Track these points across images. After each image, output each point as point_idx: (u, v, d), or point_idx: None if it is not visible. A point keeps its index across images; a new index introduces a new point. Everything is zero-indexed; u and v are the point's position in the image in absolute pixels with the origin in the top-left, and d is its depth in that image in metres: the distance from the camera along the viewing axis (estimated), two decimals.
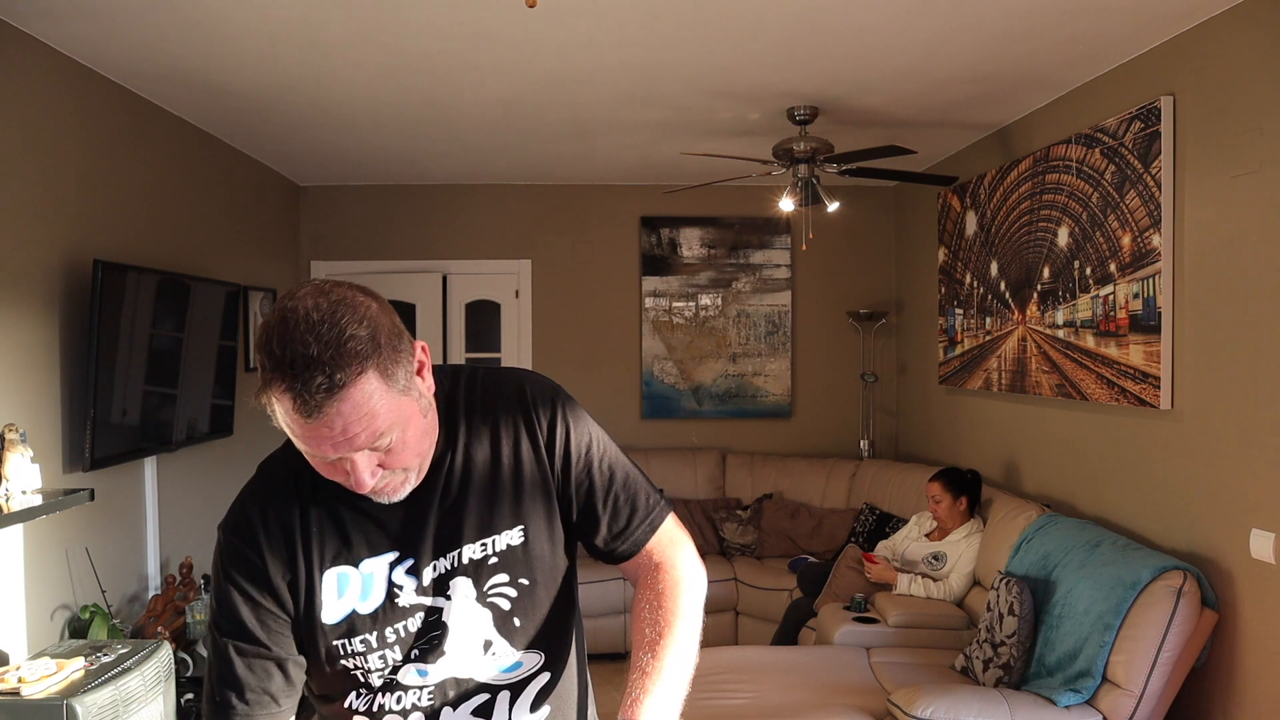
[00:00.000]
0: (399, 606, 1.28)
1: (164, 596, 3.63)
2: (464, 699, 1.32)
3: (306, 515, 1.27)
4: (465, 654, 1.31)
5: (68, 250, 3.22)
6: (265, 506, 1.28)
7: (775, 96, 3.87)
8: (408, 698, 1.31)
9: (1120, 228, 3.39)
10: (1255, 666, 2.78)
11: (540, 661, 1.36)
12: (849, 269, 5.98)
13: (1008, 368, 4.36)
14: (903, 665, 3.54)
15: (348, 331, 1.09)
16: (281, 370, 1.08)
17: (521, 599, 1.33)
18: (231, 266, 4.69)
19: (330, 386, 1.08)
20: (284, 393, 1.09)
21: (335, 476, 1.19)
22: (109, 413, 3.29)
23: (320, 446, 1.13)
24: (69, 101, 3.27)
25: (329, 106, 3.97)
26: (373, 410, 1.11)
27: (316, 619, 1.26)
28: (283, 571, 1.26)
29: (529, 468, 1.32)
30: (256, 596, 1.26)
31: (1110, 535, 3.21)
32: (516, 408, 1.33)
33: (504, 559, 1.31)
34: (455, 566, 1.29)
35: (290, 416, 1.10)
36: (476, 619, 1.31)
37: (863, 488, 5.31)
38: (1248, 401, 2.79)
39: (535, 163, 5.24)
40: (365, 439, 1.13)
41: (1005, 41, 3.20)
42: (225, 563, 1.27)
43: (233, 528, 1.29)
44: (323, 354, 1.07)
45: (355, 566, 1.27)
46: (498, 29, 3.05)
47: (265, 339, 1.10)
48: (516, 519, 1.31)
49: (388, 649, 1.28)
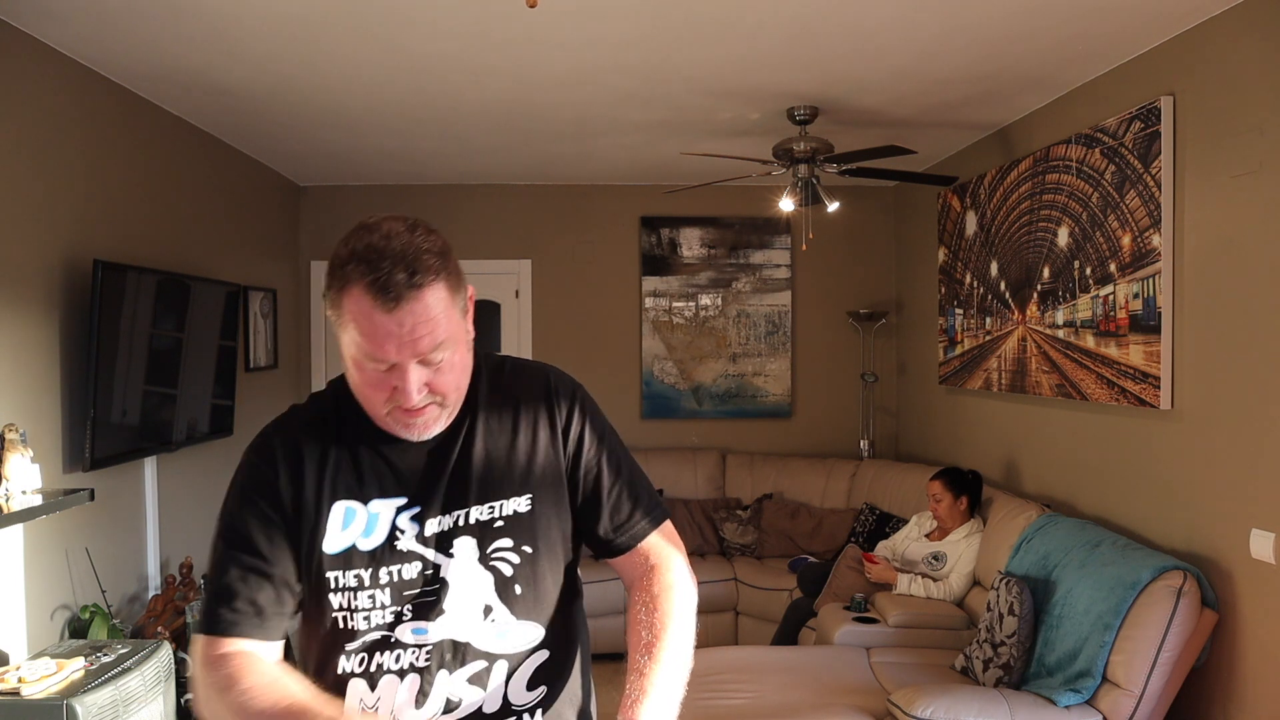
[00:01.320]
0: (397, 549, 1.32)
1: (164, 596, 3.64)
2: (461, 664, 1.33)
3: (326, 449, 1.34)
4: (464, 616, 1.33)
5: (68, 250, 3.22)
6: (289, 435, 1.36)
7: (775, 96, 3.87)
8: (405, 656, 1.32)
9: (1120, 228, 3.39)
10: (1255, 666, 2.78)
11: (540, 637, 1.37)
12: (849, 269, 5.98)
13: (1008, 368, 4.36)
14: (903, 665, 3.54)
15: (425, 244, 1.23)
16: (366, 264, 1.19)
17: (524, 566, 1.36)
18: (231, 266, 4.69)
19: (409, 282, 1.19)
20: (366, 287, 1.19)
21: (380, 393, 1.26)
22: (109, 413, 3.29)
23: (384, 345, 1.21)
24: (69, 101, 3.27)
25: (329, 106, 3.97)
26: (438, 317, 1.22)
27: (318, 546, 1.31)
28: (294, 493, 1.32)
29: (544, 448, 1.39)
30: (266, 511, 1.32)
31: (1110, 535, 3.21)
32: (540, 393, 1.42)
33: (510, 524, 1.35)
34: (460, 525, 1.33)
35: (366, 311, 1.20)
36: (478, 580, 1.33)
37: (863, 488, 5.31)
38: (1248, 401, 2.79)
39: (535, 163, 5.24)
40: (427, 344, 1.22)
41: (1005, 41, 3.20)
42: (242, 478, 1.35)
43: (255, 448, 1.37)
44: (405, 253, 1.20)
45: (364, 504, 1.33)
46: (498, 29, 3.05)
47: (346, 243, 1.22)
48: (525, 488, 1.37)
49: (379, 589, 1.31)
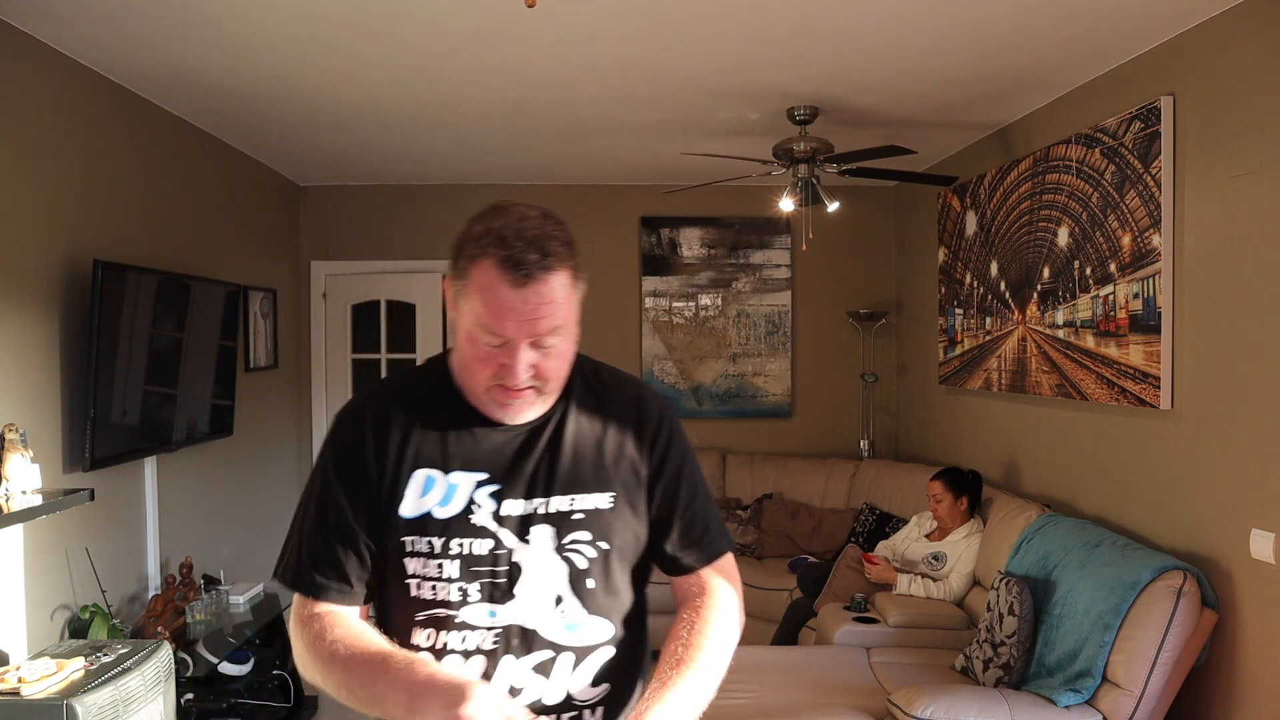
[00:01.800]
0: (471, 523, 1.33)
1: (164, 596, 3.64)
2: (527, 651, 1.33)
3: (415, 419, 1.37)
4: (535, 603, 1.34)
5: (68, 250, 3.22)
6: (379, 403, 1.41)
7: (775, 96, 3.87)
8: (473, 637, 1.33)
9: (1120, 228, 3.39)
10: (1255, 666, 2.78)
11: (609, 635, 1.38)
12: (849, 269, 5.98)
13: (1008, 368, 4.36)
14: (903, 665, 3.54)
15: (556, 232, 1.28)
16: (501, 241, 1.24)
17: (598, 562, 1.37)
18: (231, 266, 4.69)
19: (540, 263, 1.24)
20: (499, 262, 1.23)
21: (487, 368, 1.29)
22: (109, 413, 3.29)
23: (505, 321, 1.24)
24: (69, 102, 3.27)
25: (329, 106, 3.97)
26: (559, 302, 1.27)
27: (395, 510, 1.34)
28: (378, 459, 1.35)
29: (630, 455, 1.41)
30: (353, 477, 1.35)
31: (1110, 535, 3.21)
32: (632, 403, 1.45)
33: (589, 518, 1.37)
34: (540, 513, 1.35)
35: (493, 285, 1.24)
36: (552, 569, 1.35)
37: (863, 488, 5.31)
38: (1248, 401, 2.79)
39: (535, 163, 5.24)
40: (545, 326, 1.26)
41: (1005, 41, 3.20)
42: (332, 444, 1.40)
43: (346, 414, 1.42)
44: (538, 236, 1.25)
45: (445, 473, 1.35)
46: (498, 29, 3.05)
47: (479, 221, 1.28)
48: (608, 486, 1.39)
49: (448, 560, 1.33)
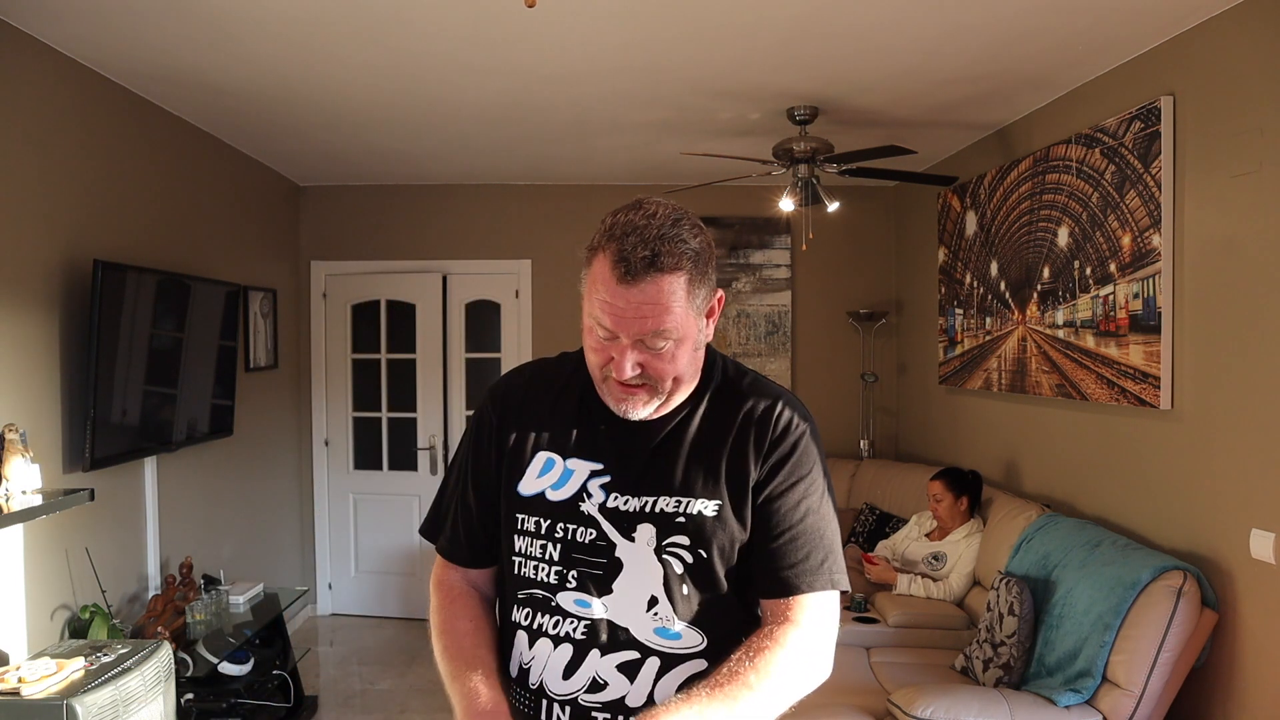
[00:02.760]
0: (580, 511, 1.36)
1: (164, 596, 3.64)
2: (614, 648, 1.33)
3: (549, 402, 1.43)
4: (629, 600, 1.34)
5: (68, 250, 3.22)
6: (518, 384, 1.49)
7: (775, 96, 3.87)
8: (564, 625, 1.35)
9: (1120, 228, 3.39)
10: (1255, 666, 2.78)
11: (701, 644, 1.35)
12: (849, 269, 5.98)
13: (1008, 368, 4.36)
14: (903, 665, 3.54)
15: (682, 235, 1.27)
16: (619, 235, 1.26)
17: (696, 568, 1.35)
18: (231, 266, 4.69)
19: (650, 263, 1.24)
20: (611, 254, 1.26)
21: (600, 358, 1.33)
22: (109, 413, 3.29)
23: (609, 313, 1.27)
24: (69, 102, 3.27)
25: (329, 106, 3.97)
26: (668, 306, 1.26)
27: (514, 485, 1.40)
28: (510, 437, 1.43)
29: (746, 464, 1.37)
30: (488, 452, 1.45)
31: (1110, 535, 3.21)
32: (764, 413, 1.40)
33: (691, 523, 1.35)
34: (646, 511, 1.35)
35: (605, 278, 1.26)
36: (649, 569, 1.34)
37: (863, 488, 5.31)
38: (1248, 401, 2.79)
39: (535, 163, 5.24)
40: (648, 326, 1.26)
41: (1005, 41, 3.20)
42: (475, 419, 1.49)
43: (491, 392, 1.50)
44: (656, 236, 1.25)
45: (564, 458, 1.39)
46: (497, 29, 3.05)
47: (615, 213, 1.30)
48: (718, 495, 1.36)
49: (550, 543, 1.36)
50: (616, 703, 1.33)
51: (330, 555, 5.94)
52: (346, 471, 5.91)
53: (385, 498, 5.88)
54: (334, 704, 4.44)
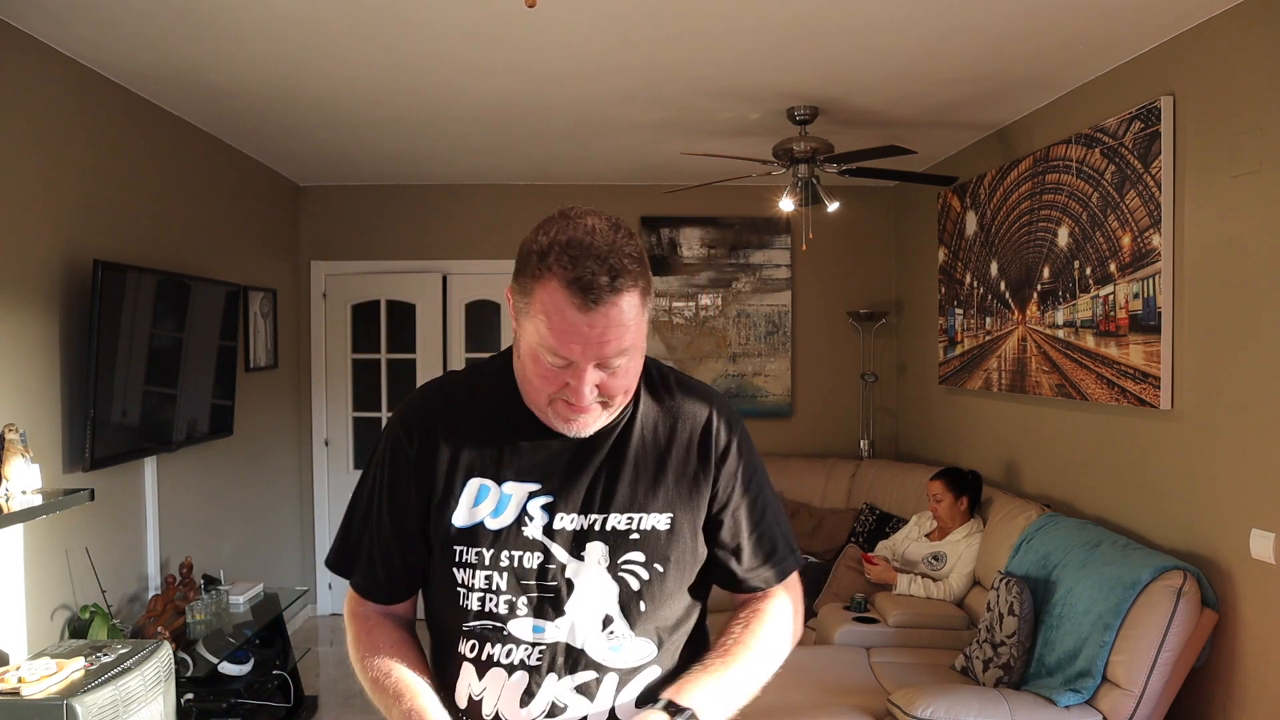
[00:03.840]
0: (523, 535, 1.31)
1: (164, 596, 3.64)
2: (571, 671, 1.31)
3: (469, 425, 1.34)
4: (584, 622, 1.31)
5: (68, 250, 3.22)
6: (438, 404, 1.37)
7: (775, 96, 3.87)
8: (517, 652, 1.31)
9: (1120, 228, 3.39)
10: (1255, 666, 2.78)
11: (653, 654, 1.34)
12: (849, 269, 5.98)
13: (1008, 368, 4.36)
14: (903, 665, 3.54)
15: (628, 249, 1.19)
16: (569, 259, 1.16)
17: (652, 584, 1.33)
18: (231, 266, 4.69)
19: (611, 285, 1.16)
20: (566, 283, 1.16)
21: (550, 386, 1.24)
22: (109, 413, 3.29)
23: (571, 344, 1.19)
24: (69, 102, 3.27)
25: (329, 106, 3.97)
26: (628, 324, 1.20)
27: (446, 518, 1.32)
28: (430, 466, 1.33)
29: (693, 471, 1.36)
30: (402, 483, 1.34)
31: (1110, 535, 3.21)
32: (700, 416, 1.39)
33: (645, 539, 1.33)
34: (596, 529, 1.32)
35: (559, 307, 1.17)
36: (603, 589, 1.31)
37: (863, 488, 5.31)
38: (1248, 401, 2.79)
39: (535, 163, 5.24)
40: (612, 349, 1.20)
41: (1005, 41, 3.20)
42: (384, 447, 1.37)
43: (400, 418, 1.38)
44: (609, 256, 1.17)
45: (498, 483, 1.32)
46: (497, 29, 3.05)
47: (546, 231, 1.20)
48: (669, 507, 1.35)
49: (497, 573, 1.30)
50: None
51: None
52: (346, 471, 5.91)
53: None
54: (334, 704, 4.44)
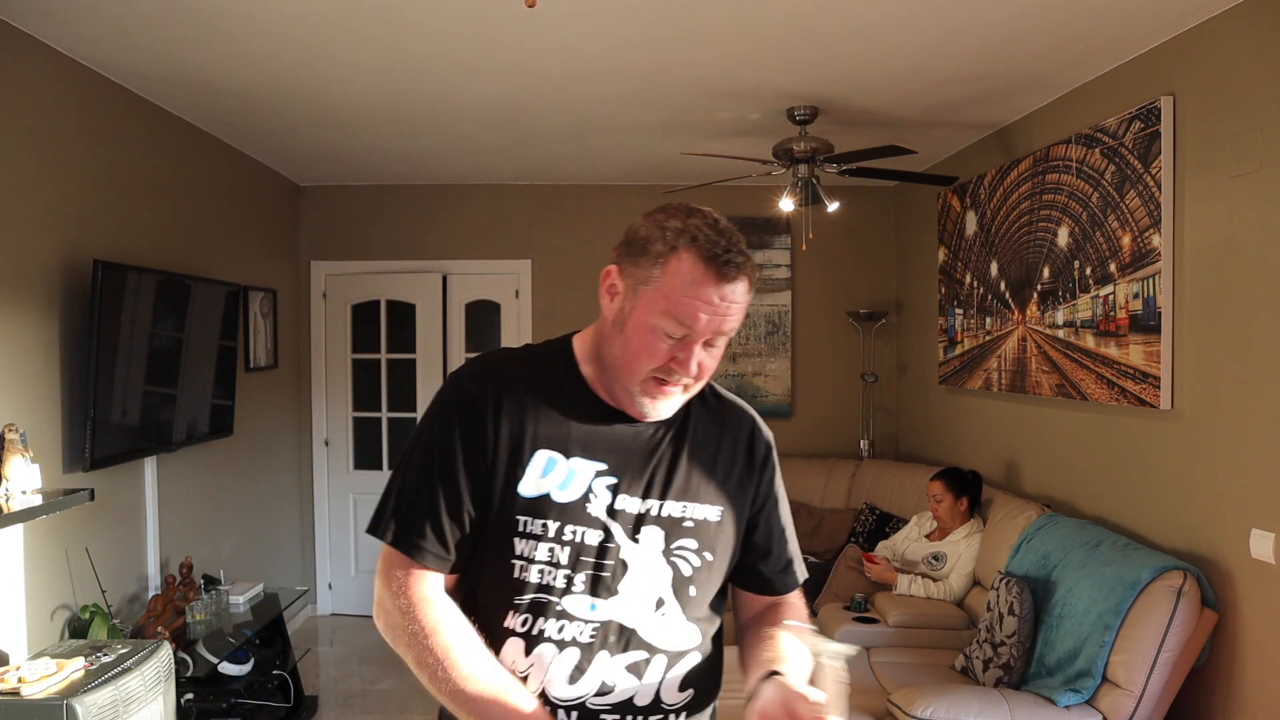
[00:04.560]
0: (587, 512, 1.34)
1: (164, 596, 3.64)
2: (623, 650, 1.34)
3: (538, 397, 1.37)
4: (637, 603, 1.35)
5: (68, 250, 3.22)
6: (503, 373, 1.39)
7: (775, 96, 3.87)
8: (570, 629, 1.32)
9: (1120, 228, 3.39)
10: (1255, 666, 2.78)
11: (698, 641, 1.40)
12: (849, 269, 5.98)
13: (1008, 368, 4.36)
14: (903, 665, 3.54)
15: (742, 245, 1.32)
16: (706, 236, 1.28)
17: (701, 571, 1.39)
18: (231, 266, 4.69)
19: (743, 262, 1.30)
20: (706, 256, 1.28)
21: (652, 360, 1.31)
22: (109, 413, 3.29)
23: (698, 313, 1.28)
24: (69, 102, 3.27)
25: (329, 106, 3.97)
26: (743, 303, 1.32)
27: (514, 486, 1.33)
28: (501, 431, 1.34)
29: (740, 475, 1.46)
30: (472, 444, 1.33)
31: (1110, 535, 3.21)
32: (746, 427, 1.51)
33: (699, 528, 1.39)
34: (654, 514, 1.37)
35: (696, 277, 1.27)
36: (657, 572, 1.36)
37: (863, 488, 5.31)
38: (1248, 401, 2.79)
39: (535, 163, 5.24)
40: (731, 321, 1.31)
41: (1005, 42, 3.20)
42: (452, 403, 1.36)
43: (470, 375, 1.39)
44: (737, 241, 1.31)
45: (566, 457, 1.35)
46: (498, 29, 3.05)
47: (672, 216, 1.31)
48: (720, 500, 1.42)
49: (559, 545, 1.32)
50: (625, 703, 1.33)
51: (330, 555, 5.94)
52: (346, 471, 5.91)
53: None
54: (334, 704, 4.44)
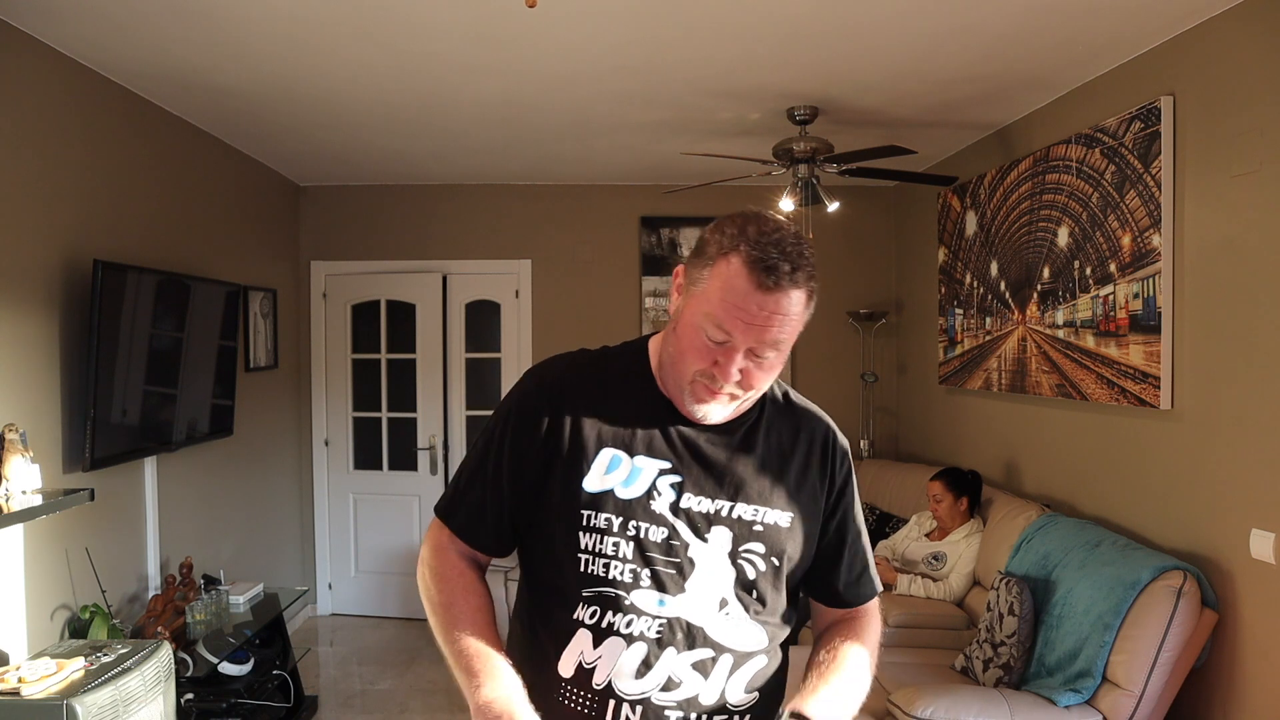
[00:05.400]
0: (651, 509, 1.36)
1: (164, 596, 3.64)
2: (690, 647, 1.34)
3: (606, 396, 1.40)
4: (703, 601, 1.35)
5: (68, 250, 3.22)
6: (575, 373, 1.43)
7: (775, 96, 3.87)
8: (638, 624, 1.34)
9: (1120, 228, 3.39)
10: (1255, 666, 2.78)
11: (765, 644, 1.40)
12: (849, 269, 5.98)
13: (1008, 368, 4.36)
14: (903, 665, 3.53)
15: (809, 253, 1.30)
16: (759, 243, 1.26)
17: (768, 574, 1.40)
18: (231, 266, 4.69)
19: (792, 274, 1.27)
20: (751, 261, 1.26)
21: (698, 361, 1.31)
22: (109, 413, 3.29)
23: (737, 322, 1.27)
24: (69, 102, 3.27)
25: (329, 106, 3.97)
26: (793, 319, 1.29)
27: (578, 481, 1.36)
28: (566, 428, 1.37)
29: (813, 482, 1.46)
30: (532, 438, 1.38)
31: (1110, 535, 3.21)
32: (821, 434, 1.50)
33: (768, 531, 1.40)
34: (722, 515, 1.38)
35: (740, 284, 1.26)
36: (722, 571, 1.37)
37: (863, 488, 5.24)
38: (1248, 401, 2.79)
39: (535, 163, 5.24)
40: (772, 336, 1.28)
41: (1005, 42, 3.20)
42: (519, 400, 1.42)
43: (539, 376, 1.44)
44: (793, 252, 1.27)
45: (630, 456, 1.37)
46: (498, 29, 3.05)
47: (737, 220, 1.30)
48: (791, 506, 1.42)
49: (624, 540, 1.34)
50: (690, 701, 1.34)
51: (330, 555, 5.94)
52: (346, 471, 5.91)
53: (385, 498, 5.88)
54: (334, 704, 4.44)
